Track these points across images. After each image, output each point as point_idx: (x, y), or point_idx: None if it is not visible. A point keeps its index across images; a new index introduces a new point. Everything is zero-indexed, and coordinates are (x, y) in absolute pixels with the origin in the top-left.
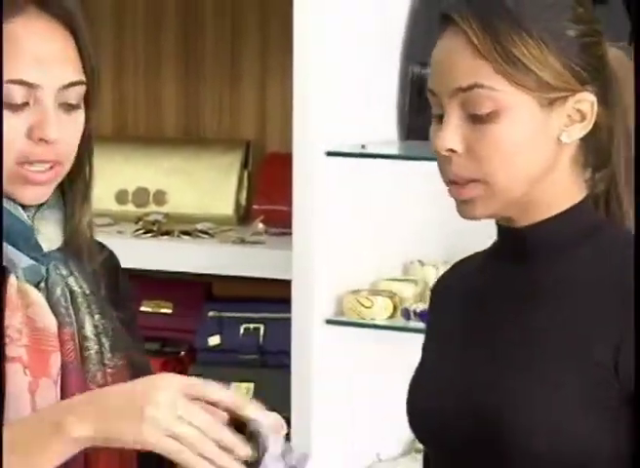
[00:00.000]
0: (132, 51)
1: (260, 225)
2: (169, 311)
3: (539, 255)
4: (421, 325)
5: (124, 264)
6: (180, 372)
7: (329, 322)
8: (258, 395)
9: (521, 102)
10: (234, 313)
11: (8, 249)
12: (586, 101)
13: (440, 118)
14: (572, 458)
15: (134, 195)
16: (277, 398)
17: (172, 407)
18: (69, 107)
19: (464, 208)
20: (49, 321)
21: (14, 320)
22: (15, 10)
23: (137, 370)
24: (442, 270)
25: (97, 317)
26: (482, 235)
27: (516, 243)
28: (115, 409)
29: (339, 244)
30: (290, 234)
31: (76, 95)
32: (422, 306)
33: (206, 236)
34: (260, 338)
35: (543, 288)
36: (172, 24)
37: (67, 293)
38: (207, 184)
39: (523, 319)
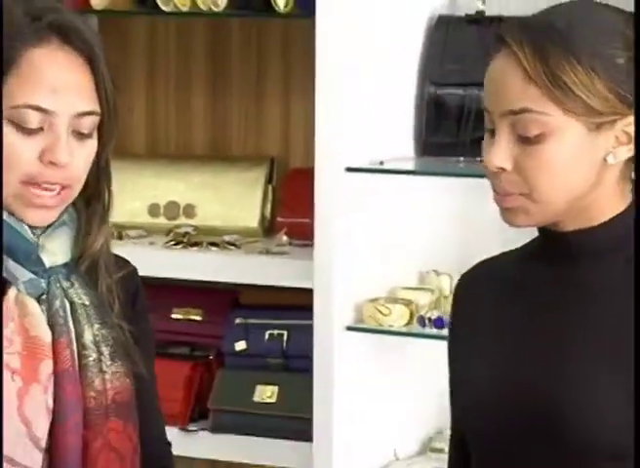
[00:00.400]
0: (164, 74)
1: (284, 237)
2: (198, 318)
3: (582, 259)
4: (436, 331)
5: (156, 274)
6: (209, 375)
7: (349, 328)
8: (282, 397)
9: (568, 126)
10: (259, 320)
11: (9, 263)
12: (633, 124)
13: (492, 132)
14: (615, 448)
15: (165, 208)
16: (300, 400)
17: None
18: (81, 136)
19: (508, 215)
20: (42, 331)
21: (6, 329)
22: (39, 40)
23: (139, 383)
24: (456, 279)
25: (96, 326)
26: (494, 244)
27: (561, 246)
28: None
29: (358, 254)
30: (312, 245)
31: (89, 124)
32: (437, 313)
33: (233, 247)
34: (284, 344)
35: (586, 288)
36: (201, 49)
37: (67, 305)
38: (234, 198)
39: (567, 316)
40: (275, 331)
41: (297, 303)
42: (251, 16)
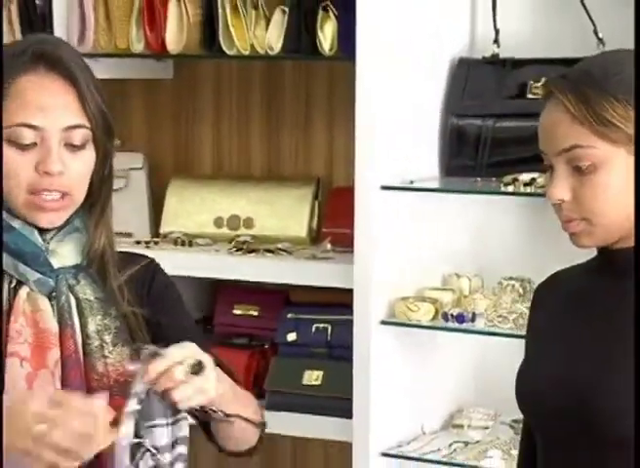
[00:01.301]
0: (227, 107)
1: (328, 245)
2: (255, 313)
3: (630, 273)
4: (457, 325)
5: (220, 276)
6: (265, 362)
7: (383, 323)
8: (326, 380)
9: (615, 155)
10: (308, 315)
11: (20, 265)
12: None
13: (551, 169)
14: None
15: (228, 221)
16: (342, 383)
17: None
18: (74, 147)
19: (574, 239)
20: (50, 324)
21: (16, 323)
22: (27, 69)
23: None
24: (474, 281)
25: (99, 318)
26: (507, 251)
27: (612, 262)
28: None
29: (391, 259)
30: (352, 252)
31: (80, 136)
32: (458, 310)
33: (285, 253)
34: (329, 335)
35: (631, 298)
36: (258, 86)
37: (72, 300)
38: (285, 212)
39: (616, 326)
40: (321, 325)
41: (339, 301)
42: (301, 58)
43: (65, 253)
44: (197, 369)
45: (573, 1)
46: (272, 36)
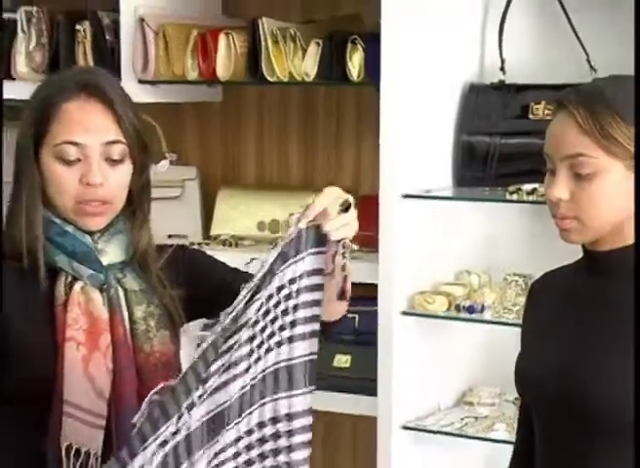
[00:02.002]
0: (268, 126)
1: (356, 246)
2: None
3: (614, 272)
4: (468, 316)
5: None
6: None
7: (403, 313)
8: (354, 363)
9: (613, 167)
10: None
11: (74, 263)
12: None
13: (552, 171)
14: (624, 413)
15: (269, 225)
16: (368, 366)
17: None
18: (113, 162)
19: (564, 234)
20: (102, 312)
21: (72, 312)
22: (72, 96)
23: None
24: (483, 277)
25: (144, 306)
26: (513, 252)
27: (598, 262)
28: None
29: (410, 258)
30: (376, 251)
31: (118, 151)
32: (469, 302)
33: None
34: (356, 324)
35: (615, 295)
36: (295, 108)
37: (120, 292)
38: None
39: (604, 317)
40: (350, 315)
41: (365, 295)
42: (332, 84)
43: (112, 252)
44: (346, 205)
45: (568, 33)
46: (308, 65)
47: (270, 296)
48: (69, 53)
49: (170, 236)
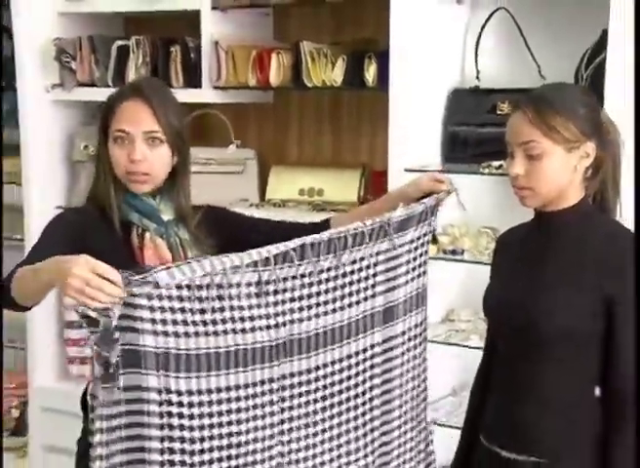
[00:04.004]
0: (307, 120)
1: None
2: None
3: (559, 229)
4: (452, 257)
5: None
6: None
7: None
8: None
9: (555, 150)
10: None
11: (144, 220)
12: (590, 147)
13: (511, 154)
14: (571, 330)
15: (308, 191)
16: None
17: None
18: (152, 144)
19: (522, 200)
20: (166, 254)
21: (147, 253)
22: (126, 97)
23: None
24: (462, 229)
25: (193, 250)
26: (486, 210)
27: (546, 221)
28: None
29: None
30: None
31: (155, 138)
32: (453, 247)
33: (343, 211)
34: None
35: (560, 247)
36: (327, 106)
37: (177, 239)
38: (344, 186)
39: (548, 263)
40: None
41: None
42: (354, 89)
43: (167, 212)
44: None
45: (525, 51)
46: (336, 75)
47: (418, 238)
48: (165, 67)
49: (238, 200)
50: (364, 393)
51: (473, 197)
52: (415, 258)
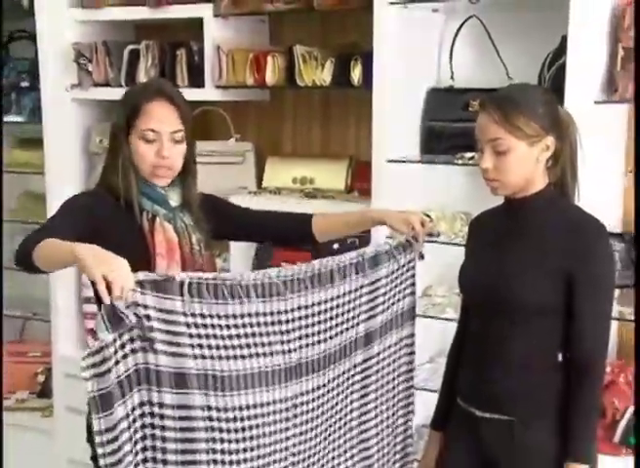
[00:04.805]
0: (300, 116)
1: (356, 193)
2: None
3: (526, 213)
4: (429, 238)
5: (297, 211)
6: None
7: (387, 237)
8: None
9: (518, 145)
10: None
11: (154, 206)
12: (550, 141)
13: (481, 150)
14: (537, 306)
15: (300, 180)
16: None
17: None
18: (176, 142)
19: (492, 190)
20: (173, 237)
21: (158, 237)
22: (151, 98)
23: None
24: (439, 213)
25: (197, 234)
26: (459, 196)
27: (515, 206)
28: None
29: (394, 202)
30: (370, 199)
31: (180, 136)
32: (438, 231)
33: (332, 198)
34: (356, 246)
35: (526, 230)
36: (318, 103)
37: (183, 224)
38: (332, 175)
39: (516, 245)
40: (349, 239)
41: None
42: (341, 88)
43: (175, 199)
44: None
45: (494, 55)
46: (325, 75)
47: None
48: (171, 69)
49: (237, 188)
50: (346, 406)
51: (448, 185)
52: (391, 290)
